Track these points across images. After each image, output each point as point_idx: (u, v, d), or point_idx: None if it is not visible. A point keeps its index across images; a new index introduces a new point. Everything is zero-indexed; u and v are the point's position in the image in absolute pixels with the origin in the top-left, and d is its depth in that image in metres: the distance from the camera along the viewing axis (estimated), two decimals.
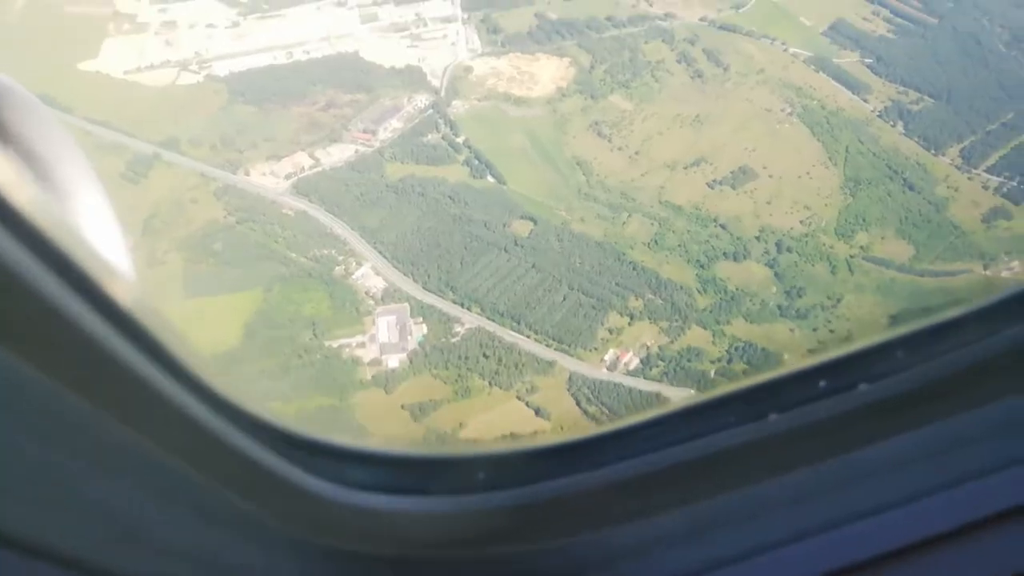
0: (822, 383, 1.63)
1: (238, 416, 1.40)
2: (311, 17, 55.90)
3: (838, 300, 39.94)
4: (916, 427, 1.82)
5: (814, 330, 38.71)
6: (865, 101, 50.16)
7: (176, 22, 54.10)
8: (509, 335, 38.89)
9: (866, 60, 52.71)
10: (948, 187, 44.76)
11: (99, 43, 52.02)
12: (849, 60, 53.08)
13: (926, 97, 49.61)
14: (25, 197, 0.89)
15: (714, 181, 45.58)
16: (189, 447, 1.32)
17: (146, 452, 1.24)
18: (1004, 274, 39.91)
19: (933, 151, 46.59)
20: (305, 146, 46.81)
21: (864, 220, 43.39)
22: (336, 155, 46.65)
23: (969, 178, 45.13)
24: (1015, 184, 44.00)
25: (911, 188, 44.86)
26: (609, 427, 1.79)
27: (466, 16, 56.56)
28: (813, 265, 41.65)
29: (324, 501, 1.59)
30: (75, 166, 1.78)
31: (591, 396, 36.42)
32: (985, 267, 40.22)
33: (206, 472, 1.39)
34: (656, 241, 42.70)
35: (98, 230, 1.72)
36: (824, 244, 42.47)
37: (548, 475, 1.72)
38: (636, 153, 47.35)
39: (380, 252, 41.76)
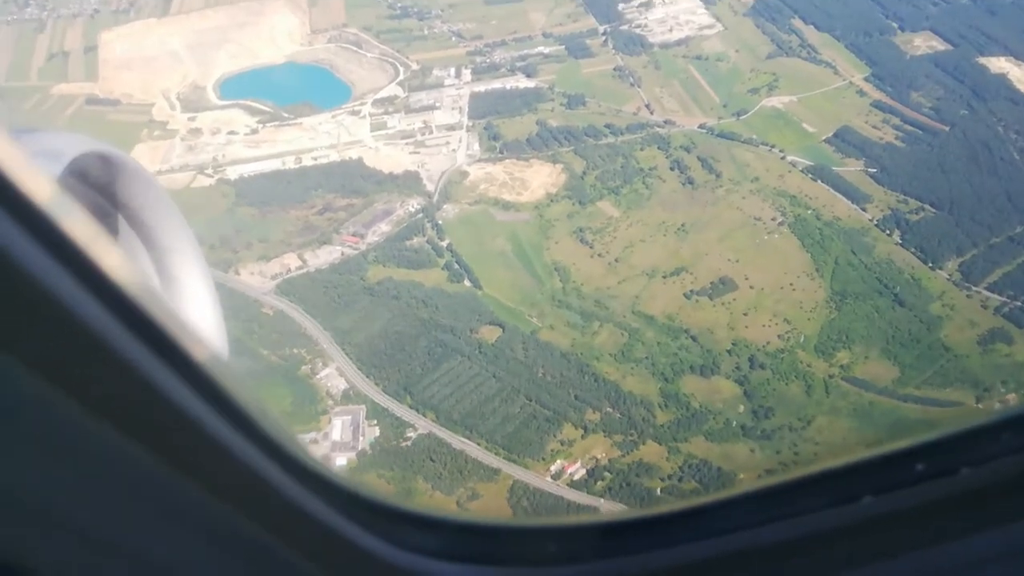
0: (920, 466, 1.54)
1: (310, 477, 1.44)
2: (325, 125, 59.55)
3: (808, 422, 37.68)
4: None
5: (777, 452, 36.51)
6: (863, 210, 48.46)
7: (201, 129, 58.77)
8: (459, 441, 38.56)
9: (870, 169, 51.23)
10: (943, 304, 42.11)
11: (131, 148, 56.83)
12: (852, 169, 51.71)
13: (927, 207, 47.53)
14: (125, 271, 0.96)
15: (692, 291, 44.59)
16: (265, 510, 1.37)
17: (222, 514, 1.29)
18: (998, 407, 36.58)
19: (930, 264, 44.20)
20: (296, 248, 48.99)
21: (847, 337, 41.18)
22: (323, 257, 48.54)
23: (968, 295, 42.37)
24: (1019, 304, 40.91)
25: (902, 304, 42.47)
26: (692, 503, 1.74)
27: (471, 124, 58.85)
28: (787, 384, 39.64)
29: (388, 565, 1.61)
30: (177, 232, 2.10)
31: (528, 506, 35.34)
32: (978, 399, 37.01)
33: (278, 534, 1.43)
34: (624, 353, 41.79)
35: (194, 285, 2.06)
36: (801, 361, 40.44)
37: (620, 551, 1.69)
38: (616, 260, 47.07)
39: (347, 353, 42.60)
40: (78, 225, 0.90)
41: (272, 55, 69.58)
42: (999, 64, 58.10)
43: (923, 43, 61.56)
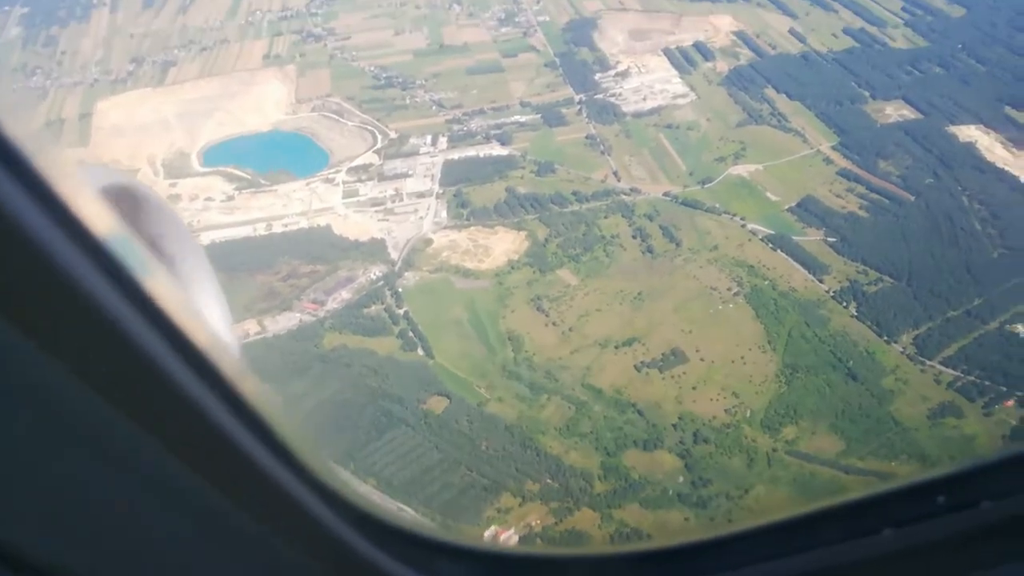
0: (941, 498, 1.54)
1: (333, 498, 1.49)
2: (299, 192, 61.04)
3: (746, 491, 36.83)
4: None
5: (711, 519, 35.63)
6: (820, 281, 48.06)
7: (181, 195, 60.55)
8: (397, 507, 38.14)
9: (829, 238, 51.01)
10: (896, 379, 41.26)
11: None
12: (812, 238, 51.51)
13: (886, 278, 47.01)
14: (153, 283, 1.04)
15: (643, 363, 44.23)
16: (283, 521, 1.44)
17: (238, 521, 1.36)
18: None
19: (886, 337, 43.48)
20: (257, 313, 49.66)
21: (795, 412, 40.44)
22: (282, 323, 49.15)
23: (922, 370, 41.51)
24: (972, 379, 39.95)
25: (854, 378, 41.68)
26: (715, 534, 1.74)
27: (441, 191, 59.91)
28: (729, 457, 38.88)
29: None
30: (196, 264, 2.14)
31: None
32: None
33: (303, 552, 1.49)
34: (569, 427, 41.41)
35: (212, 315, 2.10)
36: (746, 436, 39.67)
37: None
38: (570, 329, 46.99)
39: (294, 420, 42.52)
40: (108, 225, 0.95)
41: (258, 123, 71.93)
42: (968, 132, 58.07)
43: (894, 112, 61.86)
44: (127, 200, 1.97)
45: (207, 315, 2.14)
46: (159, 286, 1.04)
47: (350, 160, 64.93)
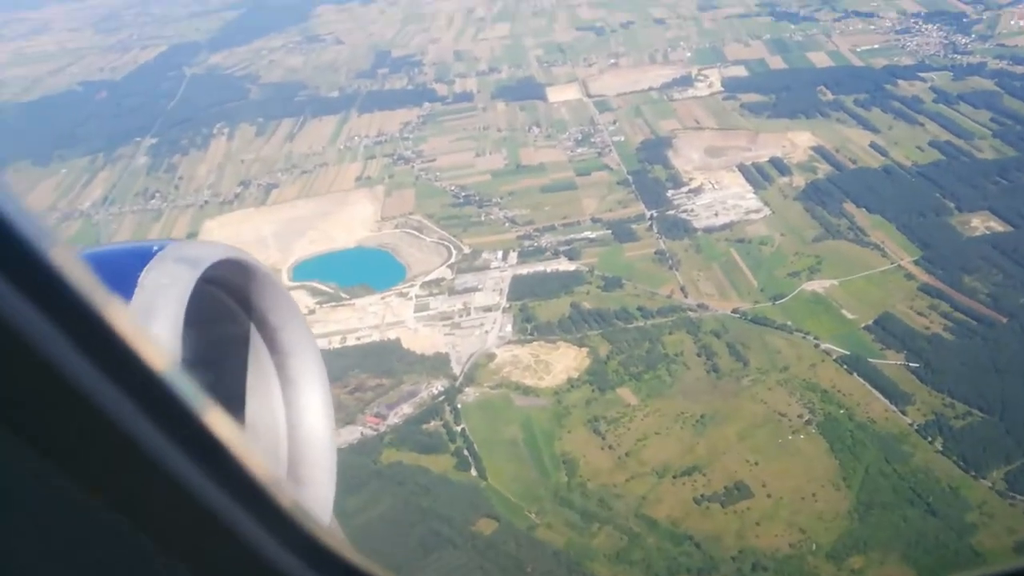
0: None
1: None
2: (374, 306, 63.83)
3: None
4: None
5: None
6: (903, 413, 44.67)
7: None
8: None
9: (912, 363, 47.71)
10: (982, 513, 37.22)
11: None
12: (892, 362, 48.41)
13: (975, 411, 43.21)
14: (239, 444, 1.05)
15: (703, 496, 42.00)
16: None
17: None
18: None
19: (973, 473, 39.51)
20: None
21: (865, 544, 36.93)
22: (344, 436, 50.17)
23: (1011, 504, 37.22)
24: None
25: (934, 514, 37.81)
26: None
27: (508, 305, 61.06)
28: None
29: None
30: (301, 338, 2.25)
31: None
32: None
33: None
34: (619, 555, 39.42)
35: (311, 397, 2.22)
36: (808, 564, 36.38)
37: None
38: (627, 454, 45.55)
39: (344, 535, 42.73)
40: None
41: (346, 240, 76.63)
42: None
43: (981, 224, 58.71)
44: (240, 272, 2.13)
45: (305, 391, 2.31)
46: (216, 422, 1.02)
47: (425, 274, 67.62)
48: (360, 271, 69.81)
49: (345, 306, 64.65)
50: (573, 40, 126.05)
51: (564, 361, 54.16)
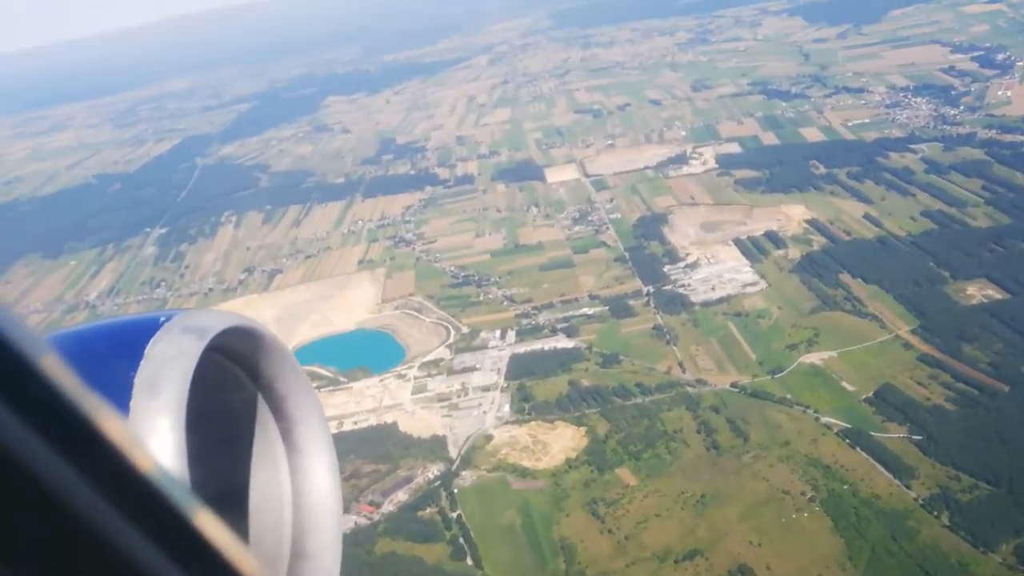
0: None
1: None
2: (372, 389, 63.68)
3: None
4: None
5: None
6: (907, 487, 43.35)
7: None
8: None
9: (915, 436, 46.63)
10: None
11: None
12: (894, 435, 47.35)
13: (982, 483, 41.90)
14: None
15: None
16: None
17: None
18: None
19: (982, 548, 37.95)
20: None
21: None
22: None
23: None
24: None
25: None
26: None
27: (505, 384, 60.69)
28: None
29: None
30: (307, 406, 2.23)
31: None
32: None
33: None
34: None
35: (318, 465, 2.20)
36: None
37: None
38: (626, 538, 44.20)
39: None
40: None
41: (347, 323, 77.17)
42: None
43: (978, 292, 58.43)
44: (247, 340, 2.12)
45: (311, 458, 2.26)
46: (207, 524, 1.01)
47: (424, 355, 67.64)
48: (360, 353, 69.97)
49: (343, 390, 64.48)
50: (571, 123, 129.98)
51: (562, 441, 53.35)
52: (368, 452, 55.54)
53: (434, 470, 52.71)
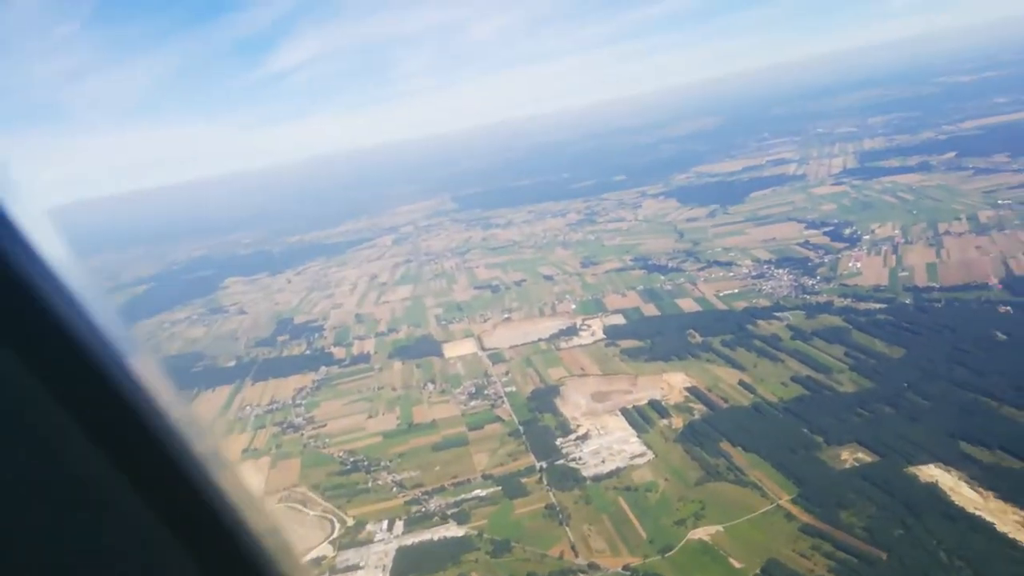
0: None
1: None
2: None
3: None
4: None
5: None
6: None
7: None
8: None
9: None
10: None
11: None
12: None
13: None
14: None
15: None
16: None
17: None
18: None
19: None
20: None
21: None
22: None
23: None
24: None
25: None
26: None
27: None
28: None
29: None
30: None
31: None
32: None
33: None
34: None
35: None
36: None
37: None
38: None
39: None
40: None
41: None
42: (929, 472, 56.11)
43: (850, 456, 60.70)
44: None
45: None
46: None
47: (304, 554, 62.66)
48: None
49: None
50: (471, 298, 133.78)
51: None
52: None
53: None
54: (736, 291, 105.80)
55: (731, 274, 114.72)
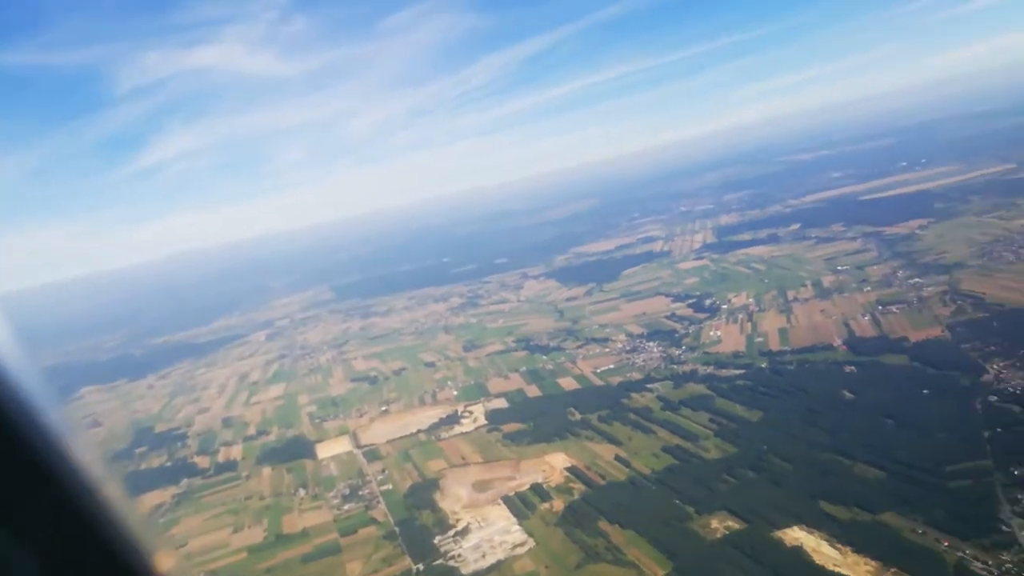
0: None
1: None
2: None
3: None
4: None
5: None
6: None
7: None
8: None
9: None
10: None
11: None
12: None
13: None
14: None
15: None
16: None
17: None
18: None
19: None
20: None
21: None
22: None
23: None
24: None
25: None
26: None
27: None
28: None
29: None
30: None
31: None
32: None
33: None
34: None
35: None
36: None
37: None
38: None
39: None
40: None
41: None
42: (794, 535, 57.72)
43: (720, 524, 61.64)
44: None
45: None
46: None
47: None
48: None
49: None
50: (347, 392, 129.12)
51: None
52: None
53: None
54: (612, 366, 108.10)
55: (607, 350, 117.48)
